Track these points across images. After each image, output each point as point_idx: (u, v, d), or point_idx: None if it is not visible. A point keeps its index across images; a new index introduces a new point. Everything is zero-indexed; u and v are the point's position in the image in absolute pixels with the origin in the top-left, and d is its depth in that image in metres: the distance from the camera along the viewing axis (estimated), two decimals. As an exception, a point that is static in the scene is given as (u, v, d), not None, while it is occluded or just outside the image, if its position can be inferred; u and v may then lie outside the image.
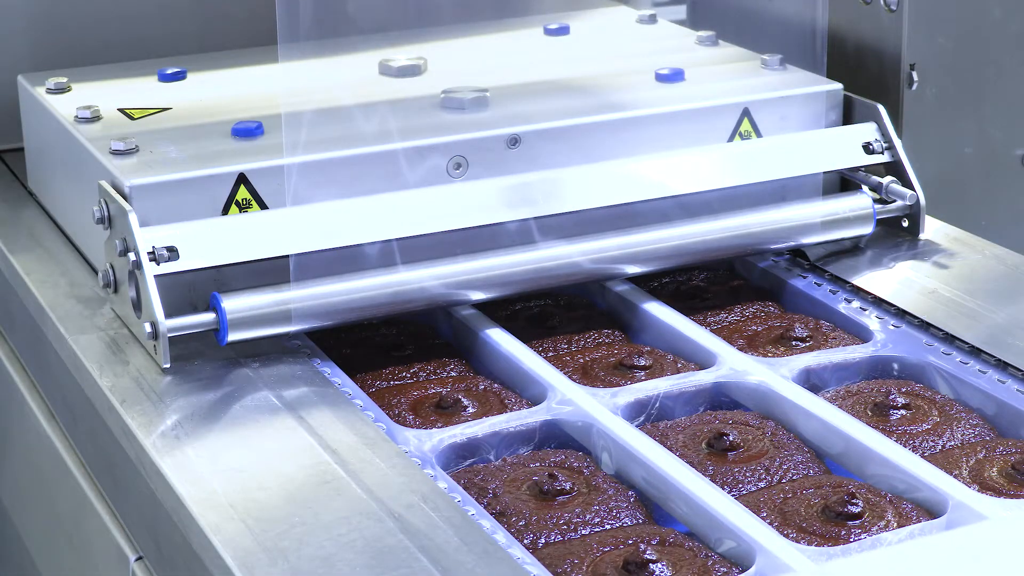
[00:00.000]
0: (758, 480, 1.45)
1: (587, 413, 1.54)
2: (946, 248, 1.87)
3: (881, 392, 1.58)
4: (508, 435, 1.53)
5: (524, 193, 1.75)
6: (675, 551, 1.33)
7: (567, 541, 1.37)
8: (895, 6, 2.03)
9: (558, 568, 1.31)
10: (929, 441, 1.51)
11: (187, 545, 1.37)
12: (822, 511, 1.38)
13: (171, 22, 2.27)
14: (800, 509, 1.39)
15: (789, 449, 1.49)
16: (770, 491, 1.43)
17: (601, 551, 1.34)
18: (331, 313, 1.64)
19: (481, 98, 1.85)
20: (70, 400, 1.72)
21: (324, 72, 1.96)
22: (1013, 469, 1.43)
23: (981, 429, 1.53)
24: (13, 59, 2.18)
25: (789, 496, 1.41)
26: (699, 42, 2.11)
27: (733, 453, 1.48)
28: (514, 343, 1.68)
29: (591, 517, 1.39)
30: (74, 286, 1.78)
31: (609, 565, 1.32)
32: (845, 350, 1.66)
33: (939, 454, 1.48)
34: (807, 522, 1.37)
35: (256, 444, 1.46)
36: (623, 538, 1.35)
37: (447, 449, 1.50)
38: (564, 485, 1.42)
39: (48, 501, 1.89)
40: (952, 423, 1.53)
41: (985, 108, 2.10)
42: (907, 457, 1.44)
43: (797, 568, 1.28)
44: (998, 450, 1.48)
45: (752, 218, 1.82)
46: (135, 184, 1.65)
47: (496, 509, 1.40)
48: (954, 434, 1.52)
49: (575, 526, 1.38)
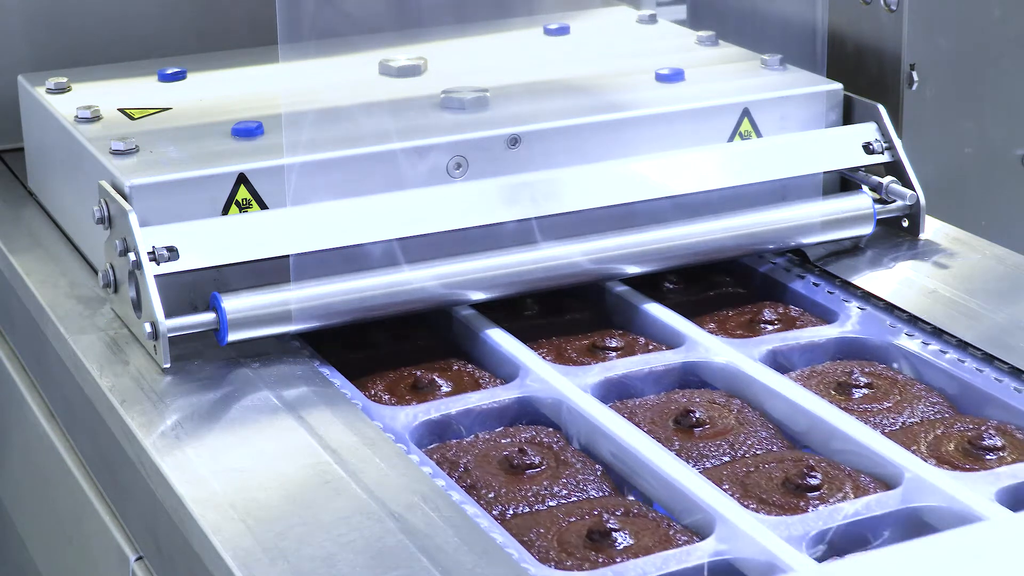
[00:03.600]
0: (722, 455, 1.49)
1: (558, 390, 1.57)
2: (946, 248, 1.87)
3: (844, 372, 1.62)
4: (481, 412, 1.57)
5: (524, 193, 1.75)
6: (638, 521, 1.38)
7: (534, 512, 1.41)
8: (895, 6, 2.03)
9: (524, 537, 1.35)
10: (889, 418, 1.55)
11: (187, 545, 1.37)
12: (782, 483, 1.42)
13: (171, 22, 2.27)
14: (761, 482, 1.43)
15: (754, 426, 1.53)
16: (733, 465, 1.47)
17: (567, 521, 1.38)
18: (331, 313, 1.64)
19: (481, 98, 1.85)
20: (70, 400, 1.72)
21: (324, 72, 1.96)
22: (969, 444, 1.48)
23: (941, 407, 1.57)
24: (13, 59, 2.18)
25: (751, 470, 1.45)
26: (699, 42, 2.11)
27: (699, 429, 1.53)
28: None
29: (559, 490, 1.43)
30: (74, 286, 1.78)
31: (574, 534, 1.35)
32: (812, 331, 1.71)
33: (899, 430, 1.52)
34: (767, 494, 1.41)
35: (256, 444, 1.46)
36: (588, 509, 1.39)
37: (421, 426, 1.54)
38: (533, 459, 1.46)
39: (48, 501, 1.89)
40: (913, 401, 1.57)
41: (985, 108, 2.10)
42: (866, 433, 1.48)
43: (756, 535, 1.32)
44: (955, 427, 1.52)
45: (752, 218, 1.82)
46: (135, 184, 1.65)
47: (467, 483, 1.44)
48: (914, 411, 1.56)
49: (543, 498, 1.43)
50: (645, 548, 1.33)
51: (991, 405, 1.58)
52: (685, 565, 1.30)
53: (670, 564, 1.30)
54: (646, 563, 1.30)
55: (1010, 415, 1.56)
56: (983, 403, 1.58)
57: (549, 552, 1.34)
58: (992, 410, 1.57)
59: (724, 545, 1.33)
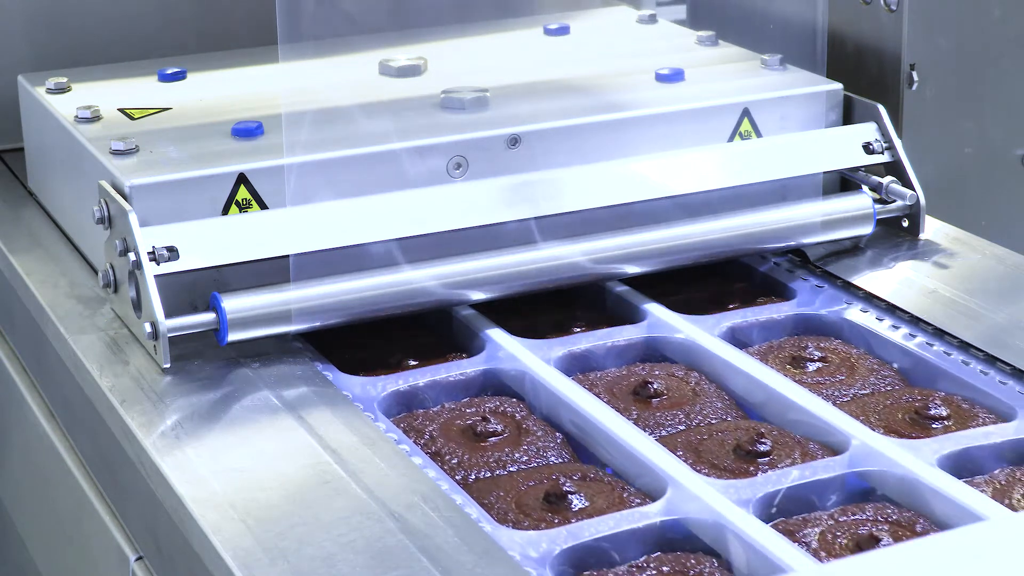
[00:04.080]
0: (678, 424, 1.55)
1: (522, 363, 1.63)
2: (946, 248, 1.87)
3: (799, 347, 1.68)
4: (447, 384, 1.62)
5: (524, 193, 1.75)
6: (594, 485, 1.43)
7: (495, 477, 1.47)
8: (895, 6, 2.03)
9: (484, 500, 1.41)
10: (841, 390, 1.60)
11: (187, 545, 1.37)
12: (734, 450, 1.48)
13: (171, 22, 2.27)
14: (714, 448, 1.49)
15: (710, 397, 1.59)
16: (688, 433, 1.53)
17: (526, 485, 1.43)
18: (331, 313, 1.64)
19: (481, 98, 1.85)
20: (70, 400, 1.72)
21: (324, 72, 1.96)
22: (916, 414, 1.54)
23: (891, 380, 1.63)
24: (13, 59, 2.18)
25: (705, 438, 1.51)
26: (699, 42, 2.11)
27: (657, 400, 1.58)
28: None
29: (519, 456, 1.49)
30: (74, 286, 1.78)
31: (532, 497, 1.41)
32: (770, 308, 1.77)
33: (850, 401, 1.58)
34: (719, 459, 1.47)
35: (256, 444, 1.46)
36: (547, 474, 1.45)
37: (389, 396, 1.59)
38: (495, 427, 1.52)
39: (48, 501, 1.89)
40: (864, 374, 1.63)
41: (985, 108, 2.10)
42: (817, 403, 1.54)
43: (705, 497, 1.38)
44: (904, 398, 1.58)
45: (752, 218, 1.82)
46: (135, 184, 1.65)
47: (432, 450, 1.50)
48: (865, 384, 1.62)
49: (504, 464, 1.48)
50: (599, 510, 1.39)
51: (941, 378, 1.63)
52: (636, 525, 1.36)
53: (622, 524, 1.36)
54: (599, 523, 1.36)
55: (958, 387, 1.61)
56: (933, 376, 1.64)
57: (508, 513, 1.39)
58: (941, 383, 1.63)
59: (675, 507, 1.39)
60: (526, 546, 1.33)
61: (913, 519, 1.39)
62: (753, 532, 1.33)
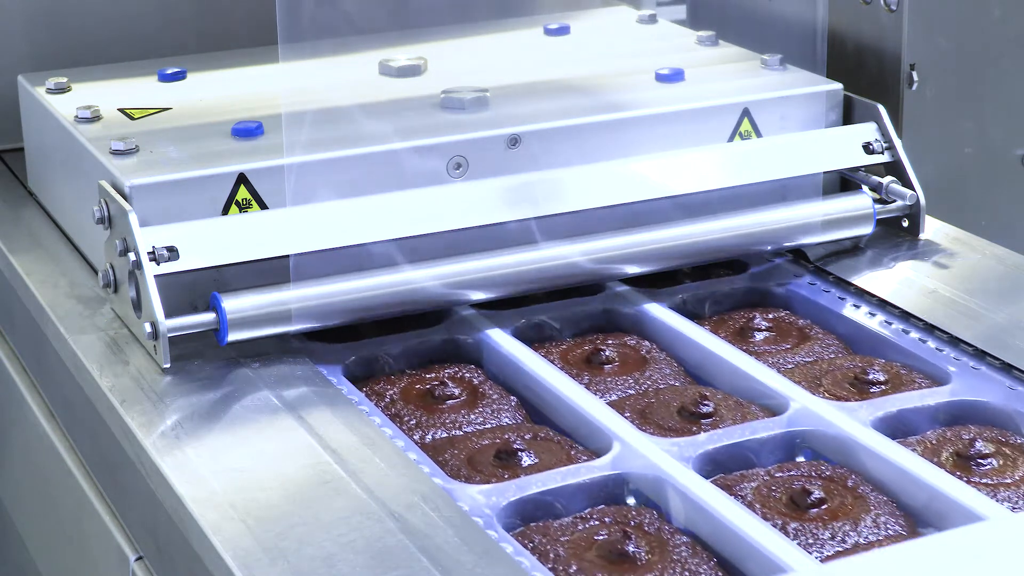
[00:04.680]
0: (627, 389, 1.62)
1: (481, 331, 1.70)
2: (946, 248, 1.87)
3: (747, 317, 1.75)
4: (408, 349, 1.69)
5: (524, 193, 1.75)
6: (544, 444, 1.51)
7: (451, 437, 1.54)
8: (895, 6, 2.03)
9: (439, 457, 1.48)
10: (787, 358, 1.68)
11: (187, 545, 1.37)
12: (678, 411, 1.55)
13: (171, 22, 2.27)
14: (660, 410, 1.56)
15: (659, 364, 1.66)
16: (636, 397, 1.60)
17: (480, 444, 1.51)
18: (331, 313, 1.65)
19: (481, 98, 1.85)
20: (70, 400, 1.72)
21: (324, 72, 1.96)
22: (855, 379, 1.61)
23: (835, 348, 1.70)
24: (13, 59, 2.18)
25: (652, 401, 1.58)
26: (699, 42, 2.11)
27: (608, 367, 1.65)
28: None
29: (475, 418, 1.56)
30: (74, 286, 1.78)
31: (484, 455, 1.48)
32: (722, 281, 1.84)
33: (794, 368, 1.66)
34: (664, 420, 1.54)
35: (256, 444, 1.46)
36: (500, 434, 1.52)
37: (352, 364, 1.66)
38: (453, 391, 1.59)
39: (48, 501, 1.89)
40: (809, 343, 1.71)
41: (985, 108, 2.10)
42: (760, 369, 1.62)
43: (648, 454, 1.45)
44: (845, 364, 1.65)
45: (752, 218, 1.82)
46: (135, 184, 1.65)
47: (391, 412, 1.57)
48: (811, 352, 1.69)
49: (459, 425, 1.56)
50: (548, 466, 1.46)
51: (882, 347, 1.70)
52: (582, 479, 1.43)
53: (568, 478, 1.43)
54: (546, 477, 1.43)
55: (898, 355, 1.68)
56: (875, 344, 1.71)
57: (460, 469, 1.46)
58: (883, 351, 1.69)
59: (619, 463, 1.46)
60: (476, 498, 1.40)
61: (845, 475, 1.45)
62: (692, 486, 1.40)
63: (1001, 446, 1.49)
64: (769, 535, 1.33)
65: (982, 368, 1.62)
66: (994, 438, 1.50)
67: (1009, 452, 1.48)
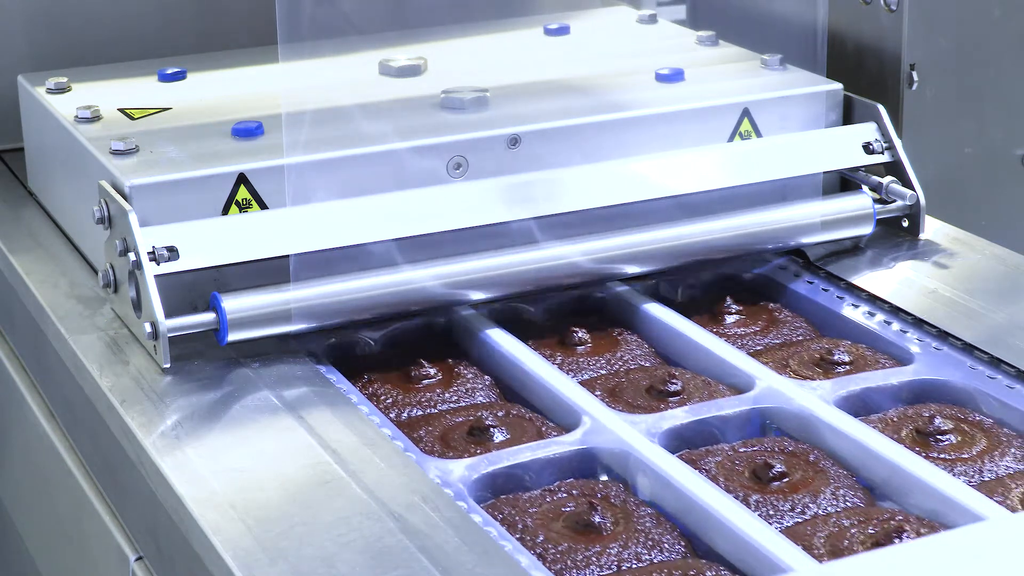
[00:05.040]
0: (599, 368, 1.67)
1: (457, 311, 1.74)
2: (946, 248, 1.87)
3: (719, 299, 1.80)
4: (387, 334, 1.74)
5: (524, 193, 1.75)
6: (516, 421, 1.55)
7: (426, 415, 1.58)
8: (895, 6, 2.03)
9: (414, 434, 1.53)
10: (756, 339, 1.74)
11: (187, 545, 1.37)
12: (647, 390, 1.60)
13: (171, 22, 2.27)
14: (629, 389, 1.61)
15: (631, 346, 1.71)
16: (607, 377, 1.65)
17: (453, 421, 1.55)
18: (331, 313, 1.65)
19: (481, 98, 1.85)
20: (70, 400, 1.72)
21: (324, 72, 1.96)
22: (820, 359, 1.66)
23: (804, 331, 1.76)
24: (13, 59, 2.18)
25: (622, 380, 1.63)
26: (699, 42, 2.11)
27: (581, 348, 1.70)
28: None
29: (450, 396, 1.61)
30: (74, 286, 1.78)
31: (457, 431, 1.53)
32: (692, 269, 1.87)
33: (763, 349, 1.71)
34: (633, 398, 1.59)
35: (256, 444, 1.46)
36: (474, 412, 1.57)
37: (328, 347, 1.70)
38: (428, 371, 1.64)
39: (48, 501, 1.89)
40: (778, 325, 1.76)
41: (985, 108, 2.10)
42: (728, 350, 1.66)
43: (615, 429, 1.49)
44: (813, 346, 1.70)
45: (752, 218, 1.82)
46: (135, 184, 1.65)
47: (369, 391, 1.61)
48: (779, 334, 1.74)
49: (434, 403, 1.60)
50: (519, 442, 1.51)
51: (850, 329, 1.74)
52: (551, 454, 1.49)
53: (537, 452, 1.48)
54: (516, 451, 1.48)
55: (864, 338, 1.72)
56: (842, 327, 1.75)
57: (434, 445, 1.51)
58: (849, 334, 1.74)
59: (588, 438, 1.51)
60: (448, 472, 1.44)
61: (807, 451, 1.49)
62: (657, 460, 1.45)
63: (960, 423, 1.53)
64: (730, 506, 1.37)
65: (944, 349, 1.66)
66: (953, 415, 1.55)
67: (968, 429, 1.52)
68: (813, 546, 1.34)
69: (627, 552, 1.35)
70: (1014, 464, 1.47)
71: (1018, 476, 1.45)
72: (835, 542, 1.35)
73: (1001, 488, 1.42)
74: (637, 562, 1.34)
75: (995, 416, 1.56)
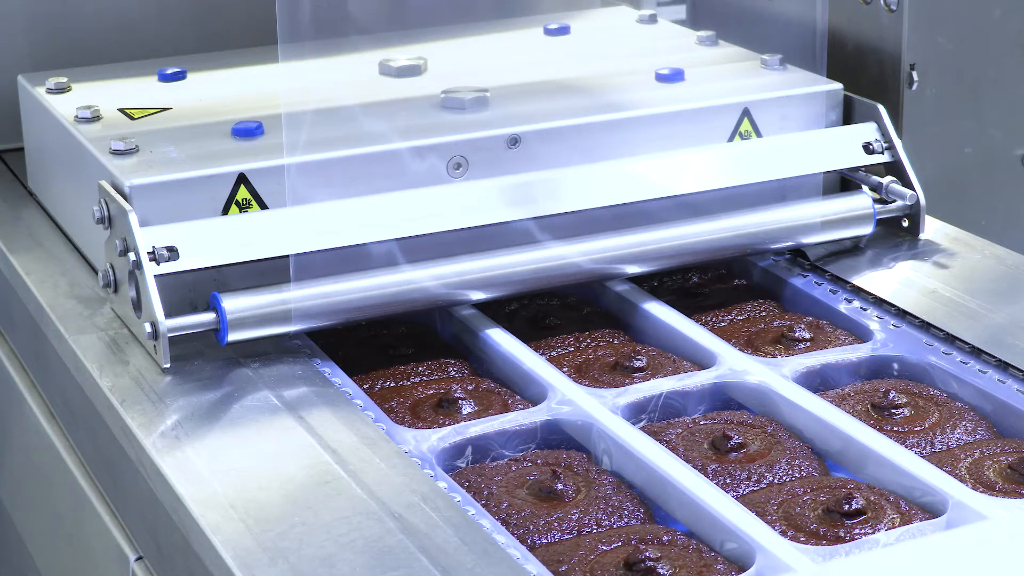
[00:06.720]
0: (567, 347, 1.72)
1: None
2: (946, 248, 1.87)
3: (686, 278, 1.86)
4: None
5: (524, 193, 1.75)
6: (484, 395, 1.60)
7: (398, 386, 1.64)
8: (895, 6, 2.03)
9: (385, 405, 1.59)
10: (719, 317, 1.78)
11: (187, 545, 1.37)
12: (612, 366, 1.65)
13: (171, 22, 2.27)
14: (596, 365, 1.67)
15: (600, 327, 1.76)
16: (575, 354, 1.70)
17: (424, 393, 1.61)
18: (331, 313, 1.65)
19: (481, 98, 1.85)
20: (70, 400, 1.72)
21: (324, 72, 1.96)
22: (781, 336, 1.71)
23: (767, 308, 1.80)
24: (13, 59, 2.18)
25: (590, 357, 1.68)
26: (699, 42, 2.11)
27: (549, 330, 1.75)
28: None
29: (422, 370, 1.67)
30: (74, 286, 1.78)
31: (427, 403, 1.59)
32: None
33: (725, 327, 1.77)
34: (599, 374, 1.65)
35: (256, 444, 1.46)
36: (445, 385, 1.62)
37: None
38: (405, 352, 1.70)
39: (48, 501, 1.89)
40: (742, 304, 1.81)
41: (985, 108, 2.10)
42: (691, 328, 1.71)
43: (581, 403, 1.55)
44: (774, 323, 1.75)
45: (752, 218, 1.82)
46: (135, 184, 1.65)
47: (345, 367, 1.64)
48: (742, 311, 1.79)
49: (407, 375, 1.66)
50: (486, 414, 1.56)
51: (813, 305, 1.80)
52: (518, 425, 1.54)
53: (505, 425, 1.54)
54: (486, 424, 1.54)
55: (825, 314, 1.78)
56: (807, 303, 1.81)
57: (404, 416, 1.57)
58: (812, 309, 1.79)
59: (554, 410, 1.56)
60: (419, 442, 1.50)
61: (764, 423, 1.55)
62: (619, 431, 1.50)
63: (914, 397, 1.58)
64: (689, 475, 1.43)
65: (903, 326, 1.71)
66: (907, 390, 1.60)
67: (922, 403, 1.58)
68: (766, 512, 1.39)
69: (588, 517, 1.40)
70: (964, 436, 1.52)
71: (967, 447, 1.50)
72: (788, 509, 1.40)
73: (951, 459, 1.47)
74: (597, 527, 1.39)
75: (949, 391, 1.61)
